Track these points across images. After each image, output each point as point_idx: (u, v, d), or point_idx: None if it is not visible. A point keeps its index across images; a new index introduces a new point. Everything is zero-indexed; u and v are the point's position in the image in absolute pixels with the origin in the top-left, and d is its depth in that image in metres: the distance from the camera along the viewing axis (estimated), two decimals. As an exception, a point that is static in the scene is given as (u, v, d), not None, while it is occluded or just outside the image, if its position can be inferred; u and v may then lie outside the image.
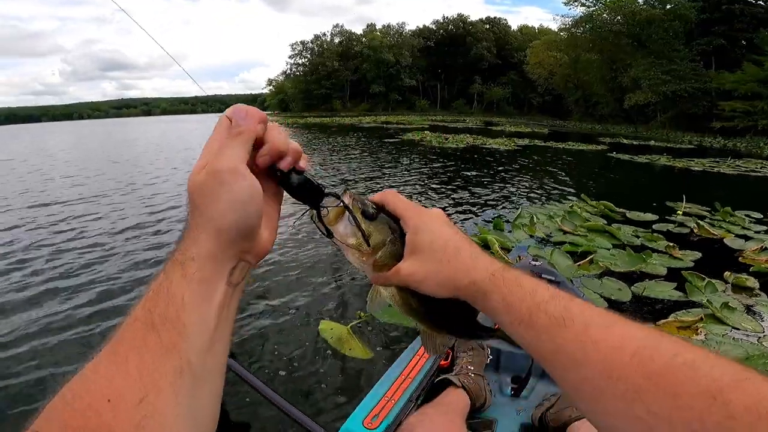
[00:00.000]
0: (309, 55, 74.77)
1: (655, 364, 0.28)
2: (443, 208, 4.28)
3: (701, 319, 2.38)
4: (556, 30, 42.91)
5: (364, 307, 2.39)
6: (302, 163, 0.41)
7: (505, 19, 74.00)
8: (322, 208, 0.42)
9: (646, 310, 2.69)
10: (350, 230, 0.43)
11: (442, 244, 0.42)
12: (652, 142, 18.71)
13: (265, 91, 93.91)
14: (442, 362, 1.44)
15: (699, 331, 2.30)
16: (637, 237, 4.14)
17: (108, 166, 10.89)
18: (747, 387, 0.25)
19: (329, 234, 0.44)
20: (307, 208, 0.43)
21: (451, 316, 0.47)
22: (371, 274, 0.45)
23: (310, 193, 0.42)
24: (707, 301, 2.72)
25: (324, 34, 76.17)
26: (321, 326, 2.43)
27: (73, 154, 15.28)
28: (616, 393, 0.29)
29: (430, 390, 1.34)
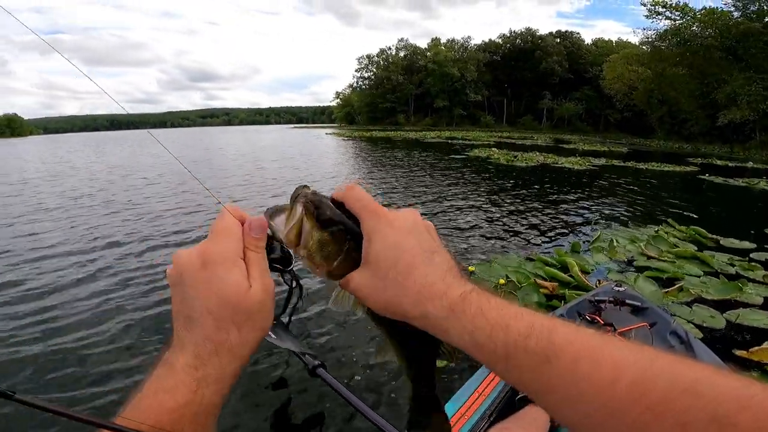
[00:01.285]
0: (374, 69, 76.75)
1: (655, 394, 0.26)
2: (511, 229, 5.23)
3: (799, 348, 2.38)
4: (637, 43, 40.47)
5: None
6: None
7: (578, 33, 70.62)
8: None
9: (740, 337, 2.70)
10: (302, 241, 0.38)
11: (392, 259, 0.36)
12: (750, 164, 16.92)
13: (333, 103, 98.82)
14: None
15: (795, 359, 2.31)
16: (732, 265, 3.97)
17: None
18: (753, 405, 0.24)
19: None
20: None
21: (408, 335, 0.39)
22: (328, 282, 0.41)
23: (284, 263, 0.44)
24: (807, 332, 2.66)
25: (389, 48, 78.07)
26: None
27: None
28: (621, 427, 0.27)
29: (505, 407, 1.36)
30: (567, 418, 0.30)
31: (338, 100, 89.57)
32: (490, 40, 74.27)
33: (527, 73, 66.33)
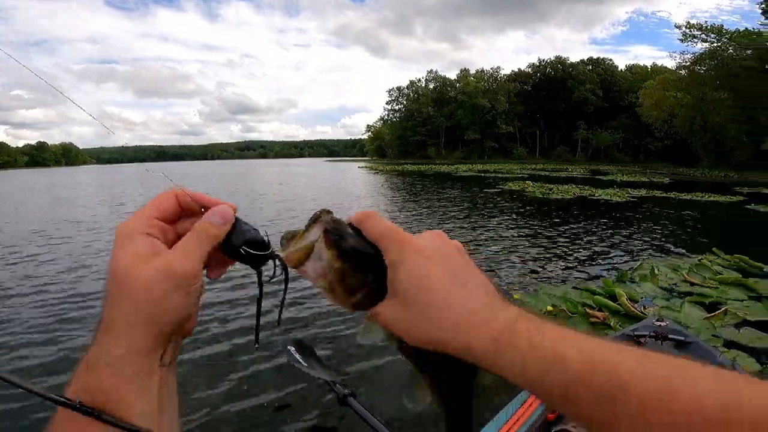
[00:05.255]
0: (405, 101, 77.79)
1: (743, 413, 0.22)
2: (550, 261, 5.80)
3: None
4: (674, 68, 39.76)
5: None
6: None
7: (610, 59, 69.86)
8: (274, 257, 0.36)
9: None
10: (319, 271, 0.34)
11: (423, 289, 0.32)
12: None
13: (364, 136, 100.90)
14: (549, 415, 1.42)
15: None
16: (778, 291, 4.05)
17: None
18: None
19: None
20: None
21: (444, 370, 0.36)
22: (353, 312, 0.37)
23: (256, 248, 0.36)
24: None
25: (419, 80, 79.11)
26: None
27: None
28: None
29: None
30: None
31: (369, 133, 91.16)
32: (519, 69, 74.29)
33: (560, 103, 65.79)
